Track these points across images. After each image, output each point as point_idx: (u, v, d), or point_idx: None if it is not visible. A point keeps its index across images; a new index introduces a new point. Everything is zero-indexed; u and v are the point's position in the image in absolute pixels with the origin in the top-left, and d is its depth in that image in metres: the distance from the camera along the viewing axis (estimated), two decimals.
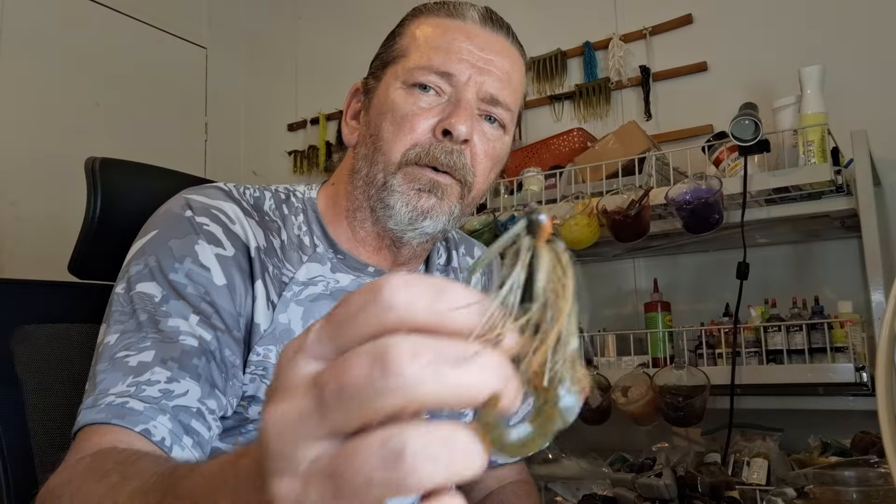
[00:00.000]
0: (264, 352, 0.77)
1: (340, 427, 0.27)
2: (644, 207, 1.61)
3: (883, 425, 0.67)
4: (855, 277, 1.75)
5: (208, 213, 0.78)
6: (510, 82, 0.84)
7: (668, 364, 1.68)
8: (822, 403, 1.64)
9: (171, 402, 0.66)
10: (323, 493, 0.26)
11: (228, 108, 3.02)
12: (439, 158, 0.79)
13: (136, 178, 1.01)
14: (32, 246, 2.25)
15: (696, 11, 2.11)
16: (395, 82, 0.82)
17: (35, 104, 2.38)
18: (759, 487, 1.43)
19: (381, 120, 0.82)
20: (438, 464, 0.25)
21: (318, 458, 0.27)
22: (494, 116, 0.83)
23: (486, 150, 0.83)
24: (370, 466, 0.25)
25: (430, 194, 0.80)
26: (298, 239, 0.85)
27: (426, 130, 0.80)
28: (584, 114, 2.26)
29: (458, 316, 0.28)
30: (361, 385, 0.26)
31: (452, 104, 0.80)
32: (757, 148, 1.53)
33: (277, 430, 0.28)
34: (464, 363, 0.26)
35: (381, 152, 0.81)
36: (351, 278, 0.86)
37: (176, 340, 0.69)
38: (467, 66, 0.81)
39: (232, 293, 0.75)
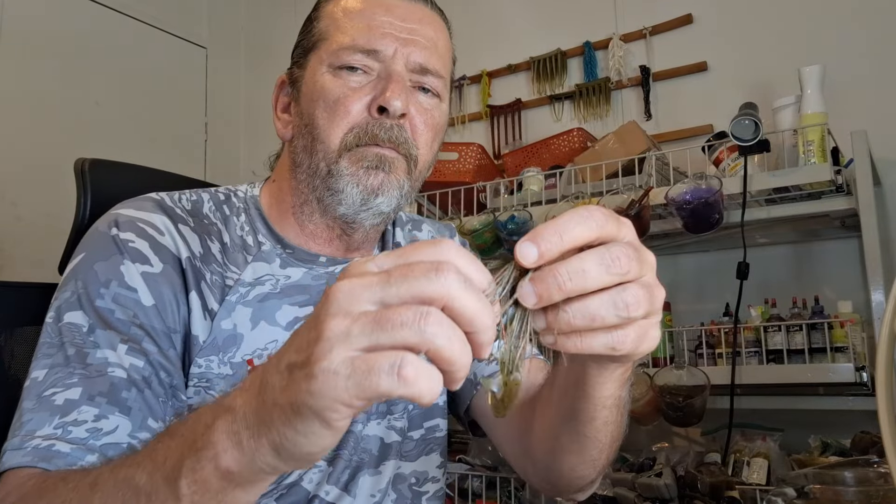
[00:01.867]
0: (205, 363, 0.75)
1: (392, 299, 0.39)
2: (644, 207, 1.61)
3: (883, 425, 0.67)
4: (855, 277, 1.75)
5: (134, 228, 0.76)
6: (436, 49, 0.82)
7: (668, 364, 1.68)
8: (822, 403, 1.64)
9: (100, 440, 0.64)
10: (363, 328, 0.39)
11: (228, 108, 3.02)
12: (379, 136, 0.77)
13: (125, 178, 1.00)
14: (32, 246, 2.25)
15: (696, 11, 2.11)
16: (321, 67, 0.80)
17: (35, 104, 2.38)
18: (759, 487, 1.43)
19: (313, 108, 0.80)
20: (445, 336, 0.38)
21: (367, 311, 0.39)
22: (427, 86, 0.82)
23: (425, 120, 0.81)
24: (407, 317, 0.38)
25: (377, 170, 0.78)
26: (241, 239, 0.83)
27: (361, 111, 0.78)
28: (584, 114, 2.26)
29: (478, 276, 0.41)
30: (420, 275, 0.39)
31: (383, 80, 0.78)
32: (757, 148, 1.53)
33: (344, 291, 0.40)
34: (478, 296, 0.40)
35: (320, 140, 0.79)
36: (303, 271, 0.84)
37: (104, 373, 0.67)
38: (391, 40, 0.79)
39: (162, 312, 0.73)
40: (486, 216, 1.86)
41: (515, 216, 1.80)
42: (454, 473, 1.80)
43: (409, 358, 0.38)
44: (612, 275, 0.44)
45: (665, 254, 2.03)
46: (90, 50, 2.55)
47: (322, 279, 0.84)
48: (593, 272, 0.44)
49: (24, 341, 0.89)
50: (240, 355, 0.77)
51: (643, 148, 1.80)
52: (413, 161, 0.80)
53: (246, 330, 0.78)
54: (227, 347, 0.77)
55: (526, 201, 1.88)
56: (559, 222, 0.44)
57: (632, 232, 0.48)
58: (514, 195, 1.94)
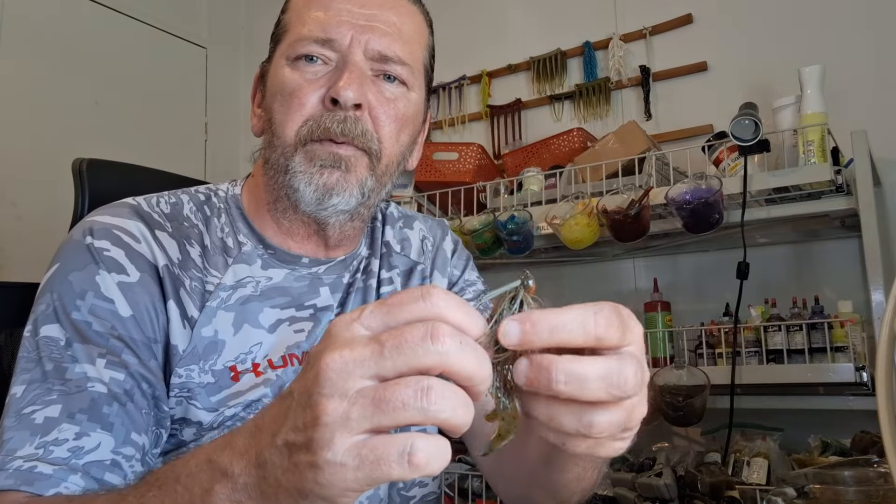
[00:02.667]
0: (186, 373, 0.73)
1: (388, 372, 0.38)
2: (644, 207, 1.61)
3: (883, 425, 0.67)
4: (855, 277, 1.75)
5: (109, 236, 0.73)
6: (400, 35, 0.78)
7: (668, 364, 1.68)
8: (822, 403, 1.64)
9: (82, 459, 0.63)
10: (363, 412, 0.37)
11: (228, 108, 3.02)
12: (332, 129, 0.74)
13: (123, 178, 0.99)
14: (32, 246, 2.25)
15: (696, 11, 2.11)
16: (282, 60, 0.78)
17: (35, 104, 2.37)
18: (759, 487, 1.43)
19: (272, 102, 0.78)
20: (449, 404, 0.37)
21: (363, 388, 0.38)
22: (391, 74, 0.77)
23: (386, 111, 0.77)
24: (407, 395, 0.37)
25: (332, 169, 0.75)
26: (222, 241, 0.80)
27: (315, 102, 0.75)
28: (584, 114, 2.26)
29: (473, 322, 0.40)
30: (416, 345, 0.37)
31: (338, 69, 0.75)
32: (757, 148, 1.53)
33: (336, 367, 0.38)
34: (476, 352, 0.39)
35: (277, 135, 0.77)
36: (285, 272, 0.82)
37: (84, 389, 0.66)
38: (347, 28, 0.75)
39: (140, 322, 0.71)
40: (486, 216, 1.86)
41: (515, 216, 1.80)
42: (454, 473, 1.80)
43: (419, 444, 0.37)
44: (611, 395, 0.41)
45: (665, 254, 2.03)
46: (90, 50, 2.55)
47: (304, 280, 0.82)
48: (593, 387, 0.40)
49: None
50: (221, 362, 0.75)
51: (643, 148, 1.80)
52: (375, 155, 0.76)
53: (228, 335, 0.76)
54: (208, 355, 0.75)
55: (526, 201, 1.88)
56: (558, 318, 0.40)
57: (639, 338, 0.44)
58: (514, 195, 1.94)
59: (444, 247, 0.99)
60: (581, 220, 1.69)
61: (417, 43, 0.81)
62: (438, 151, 2.15)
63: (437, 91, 2.56)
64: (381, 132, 0.77)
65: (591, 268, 2.16)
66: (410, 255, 0.94)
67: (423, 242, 0.96)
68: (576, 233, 1.69)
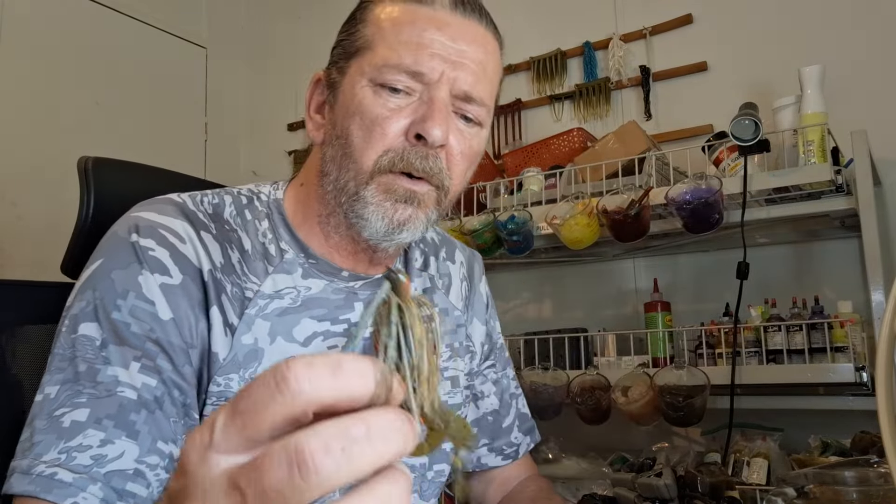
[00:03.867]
0: (225, 382, 0.73)
1: None
2: (644, 207, 1.61)
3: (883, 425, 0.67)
4: (855, 277, 1.75)
5: (155, 235, 0.73)
6: (485, 74, 0.77)
7: (668, 364, 1.68)
8: (822, 403, 1.64)
9: (104, 468, 0.63)
10: None
11: (228, 108, 3.02)
12: (414, 164, 0.73)
13: (129, 177, 0.99)
14: (32, 246, 2.25)
15: (696, 11, 2.11)
16: (362, 80, 0.75)
17: (35, 104, 2.38)
18: (759, 487, 1.43)
19: (349, 122, 0.76)
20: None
21: None
22: (470, 115, 0.77)
23: (462, 150, 0.77)
24: None
25: (406, 205, 0.75)
26: (263, 247, 0.80)
27: (398, 134, 0.74)
28: (584, 114, 2.26)
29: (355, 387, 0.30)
30: (283, 487, 0.27)
31: (425, 104, 0.74)
32: (757, 148, 1.53)
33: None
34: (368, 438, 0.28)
35: (352, 159, 0.75)
36: (324, 283, 0.81)
37: (114, 393, 0.66)
38: (439, 62, 0.74)
39: (179, 326, 0.71)
40: (486, 216, 1.86)
41: (515, 216, 1.80)
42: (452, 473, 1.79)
43: None
44: None
45: (665, 254, 2.03)
46: (90, 50, 2.55)
47: (341, 293, 0.82)
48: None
49: (25, 340, 0.89)
50: (261, 371, 0.73)
51: (643, 148, 1.80)
52: (444, 191, 0.77)
53: (265, 345, 0.76)
54: (248, 363, 0.74)
55: (526, 201, 1.88)
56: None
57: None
58: (514, 195, 1.94)
59: (480, 291, 1.02)
60: (581, 220, 1.69)
61: (495, 82, 0.81)
62: None
63: None
64: (454, 171, 0.77)
65: (591, 268, 2.16)
66: (450, 297, 0.96)
67: (462, 284, 0.99)
68: (576, 233, 1.69)
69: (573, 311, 2.19)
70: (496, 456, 1.02)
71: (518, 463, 1.04)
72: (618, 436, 1.86)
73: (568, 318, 2.17)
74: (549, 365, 1.79)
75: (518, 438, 1.03)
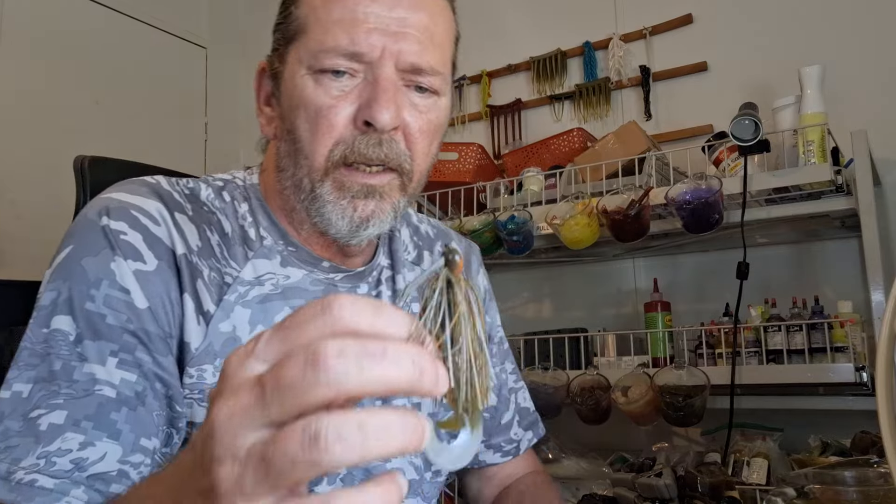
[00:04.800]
0: (197, 373, 0.69)
1: (277, 418, 0.31)
2: (644, 207, 1.61)
3: (883, 425, 0.67)
4: (855, 277, 1.75)
5: (127, 217, 0.69)
6: (433, 40, 0.71)
7: (668, 364, 1.68)
8: (822, 403, 1.64)
9: (86, 472, 0.60)
10: (256, 475, 0.31)
11: (228, 108, 3.02)
12: (368, 154, 0.69)
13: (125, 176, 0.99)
14: (32, 245, 2.25)
15: (696, 11, 2.11)
16: (301, 68, 0.70)
17: (35, 103, 2.37)
18: (759, 487, 1.43)
19: (294, 116, 0.71)
20: (350, 445, 0.30)
21: (254, 446, 0.31)
22: (423, 85, 0.71)
23: (420, 126, 0.71)
24: (293, 449, 0.30)
25: (367, 199, 0.70)
26: (242, 230, 0.76)
27: (346, 122, 0.69)
28: (584, 114, 2.26)
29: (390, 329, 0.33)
30: (296, 381, 0.30)
31: (370, 86, 0.68)
32: (757, 148, 1.53)
33: (223, 423, 0.32)
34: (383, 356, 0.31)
35: (303, 155, 0.71)
36: (303, 273, 0.77)
37: (91, 392, 0.62)
38: (378, 37, 0.68)
39: (156, 315, 0.67)
40: (486, 216, 1.86)
41: (515, 216, 1.80)
42: (454, 473, 1.79)
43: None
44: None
45: (665, 254, 2.03)
46: (90, 50, 2.55)
47: (321, 285, 0.78)
48: None
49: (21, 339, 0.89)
50: None
51: (643, 148, 1.80)
52: (407, 175, 0.72)
53: (244, 333, 0.72)
54: (225, 352, 0.70)
55: (526, 201, 1.88)
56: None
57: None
58: (514, 195, 1.94)
59: (478, 283, 0.99)
60: (581, 220, 1.69)
61: (448, 42, 0.75)
62: None
63: None
64: (415, 150, 0.72)
65: (591, 268, 2.16)
66: None
67: None
68: (576, 233, 1.69)
69: (573, 311, 2.19)
70: (494, 453, 0.98)
71: (519, 459, 1.00)
72: (618, 436, 1.86)
73: (568, 318, 2.17)
74: (548, 365, 1.79)
75: (518, 434, 1.00)
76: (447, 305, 0.37)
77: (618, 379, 1.67)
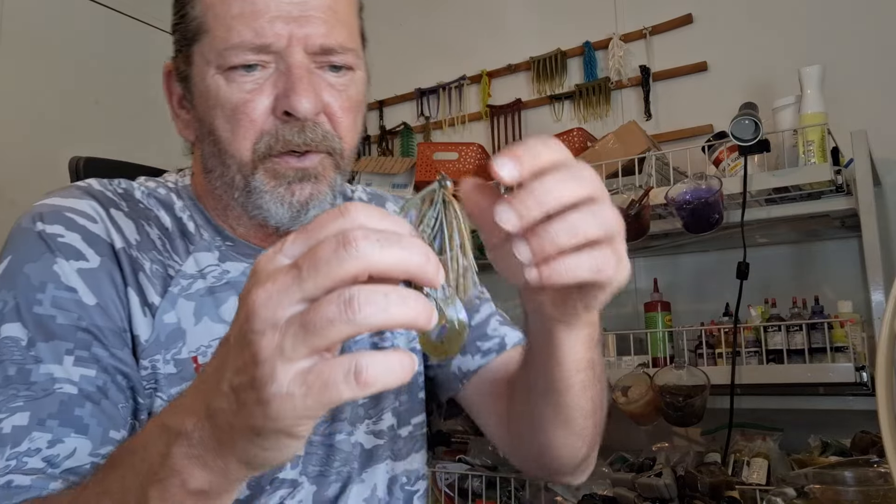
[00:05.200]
0: (150, 364, 0.69)
1: (311, 293, 0.37)
2: (644, 207, 1.61)
3: (883, 425, 0.67)
4: (855, 277, 1.75)
5: (62, 219, 0.68)
6: (338, 17, 0.70)
7: (668, 364, 1.68)
8: (822, 403, 1.65)
9: (59, 467, 0.60)
10: (296, 339, 0.36)
11: None
12: (294, 141, 0.68)
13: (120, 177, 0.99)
14: None
15: (696, 11, 2.11)
16: (209, 68, 0.69)
17: (35, 103, 2.37)
18: (759, 487, 1.43)
19: (212, 117, 0.70)
20: (377, 308, 0.36)
21: (292, 316, 0.37)
22: (337, 63, 0.70)
23: (341, 104, 0.71)
24: (330, 311, 0.36)
25: (302, 183, 0.70)
26: (181, 224, 0.76)
27: (266, 114, 0.68)
28: (584, 114, 2.26)
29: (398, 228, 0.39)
30: (329, 257, 0.36)
31: (284, 75, 0.68)
32: (757, 148, 1.53)
33: (262, 302, 0.37)
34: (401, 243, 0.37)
35: (229, 154, 0.70)
36: (244, 266, 0.76)
37: (51, 391, 0.61)
38: (282, 25, 0.67)
39: (106, 309, 0.67)
40: None
41: None
42: (454, 473, 1.80)
43: (364, 362, 0.36)
44: (584, 188, 0.45)
45: (665, 254, 2.03)
46: (90, 50, 2.55)
47: None
48: (569, 184, 0.44)
49: None
50: (185, 350, 0.71)
51: (643, 148, 1.80)
52: (338, 153, 0.72)
53: (189, 325, 0.71)
54: (171, 343, 0.70)
55: None
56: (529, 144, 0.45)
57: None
58: None
59: None
60: None
61: (352, 16, 0.73)
62: (438, 151, 2.15)
63: (437, 91, 2.57)
64: (341, 129, 0.72)
65: None
66: None
67: None
68: None
69: None
70: (474, 356, 0.87)
71: (508, 354, 0.88)
72: (618, 436, 1.86)
73: None
74: None
75: (497, 330, 0.89)
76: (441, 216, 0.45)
77: (618, 379, 1.67)
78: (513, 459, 0.86)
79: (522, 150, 0.44)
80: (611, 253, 0.46)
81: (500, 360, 0.87)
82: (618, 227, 0.47)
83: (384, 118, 2.68)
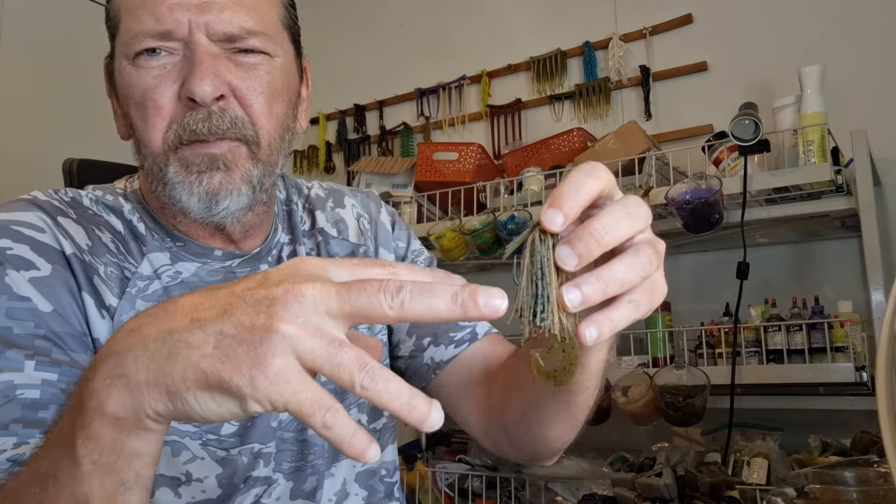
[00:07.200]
0: None
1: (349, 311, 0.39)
2: None
3: (883, 425, 0.67)
4: (855, 277, 1.75)
5: (8, 233, 0.68)
6: (241, 2, 0.69)
7: (668, 364, 1.68)
8: (822, 403, 1.64)
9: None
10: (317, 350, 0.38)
11: None
12: (199, 129, 0.67)
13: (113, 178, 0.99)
14: None
15: (696, 11, 2.11)
16: (123, 61, 0.70)
17: (34, 104, 2.38)
18: (759, 487, 1.43)
19: (128, 107, 0.71)
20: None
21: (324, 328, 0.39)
22: (246, 48, 0.70)
23: (251, 86, 0.70)
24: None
25: (211, 172, 0.69)
26: (133, 227, 0.76)
27: (172, 101, 0.68)
28: (584, 114, 2.26)
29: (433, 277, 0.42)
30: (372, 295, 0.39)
31: (186, 59, 0.68)
32: (757, 148, 1.53)
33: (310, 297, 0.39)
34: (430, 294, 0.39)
35: (145, 144, 0.70)
36: (196, 266, 0.76)
37: (13, 398, 0.60)
38: (182, 12, 0.67)
39: (64, 315, 0.66)
40: (486, 216, 1.86)
41: (515, 216, 1.80)
42: (454, 473, 1.80)
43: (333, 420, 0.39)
44: (635, 222, 0.46)
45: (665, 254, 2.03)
46: (90, 50, 2.54)
47: (218, 275, 0.76)
48: (623, 222, 0.45)
49: None
50: None
51: (643, 148, 1.80)
52: (252, 142, 0.70)
53: None
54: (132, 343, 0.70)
55: (526, 201, 1.88)
56: (571, 181, 0.45)
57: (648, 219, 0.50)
58: (514, 195, 1.94)
59: (381, 220, 0.94)
60: None
61: (265, 1, 0.72)
62: (438, 151, 2.15)
63: (437, 91, 2.57)
64: (253, 114, 0.70)
65: None
66: (349, 237, 0.89)
67: (359, 221, 0.91)
68: None
69: None
70: (447, 346, 0.86)
71: (482, 343, 0.87)
72: (618, 436, 1.86)
73: None
74: None
75: (468, 323, 0.87)
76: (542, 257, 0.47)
77: (618, 379, 1.67)
78: (485, 442, 0.86)
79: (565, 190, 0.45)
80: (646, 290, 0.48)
81: (474, 349, 0.87)
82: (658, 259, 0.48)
83: (384, 118, 2.69)
